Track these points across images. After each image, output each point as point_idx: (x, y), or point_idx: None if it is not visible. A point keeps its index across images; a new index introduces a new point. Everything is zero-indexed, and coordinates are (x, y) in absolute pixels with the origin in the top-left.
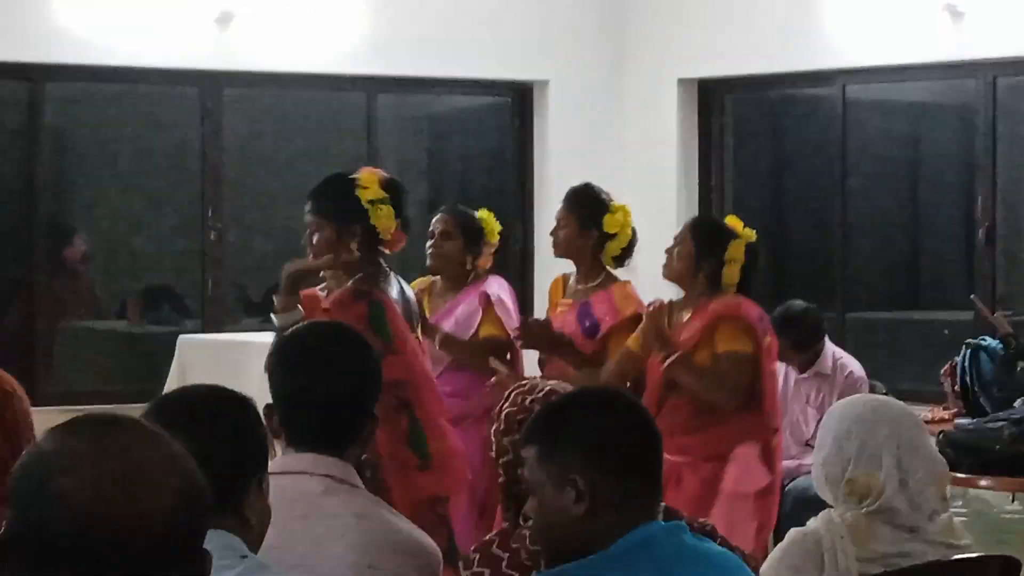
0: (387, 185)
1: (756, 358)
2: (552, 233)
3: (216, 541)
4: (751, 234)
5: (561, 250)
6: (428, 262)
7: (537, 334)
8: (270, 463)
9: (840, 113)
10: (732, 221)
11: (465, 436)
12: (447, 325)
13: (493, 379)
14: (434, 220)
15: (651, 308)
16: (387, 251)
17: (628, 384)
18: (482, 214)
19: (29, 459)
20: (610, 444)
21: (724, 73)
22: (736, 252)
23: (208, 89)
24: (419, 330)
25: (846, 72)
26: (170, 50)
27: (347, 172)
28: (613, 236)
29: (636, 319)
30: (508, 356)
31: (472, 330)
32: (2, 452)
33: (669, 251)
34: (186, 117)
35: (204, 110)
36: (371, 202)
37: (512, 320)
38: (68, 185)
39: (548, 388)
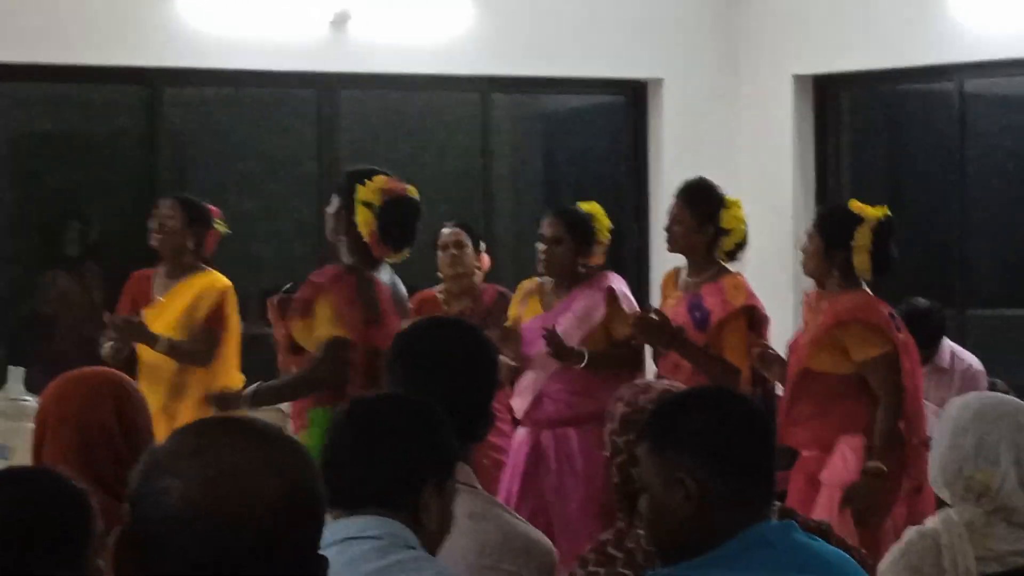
0: (391, 197)
1: (895, 356)
2: (667, 229)
3: (382, 527)
4: (878, 212)
5: (677, 246)
6: (539, 267)
7: (654, 329)
8: None
9: (958, 108)
10: (857, 206)
11: (589, 435)
12: (563, 321)
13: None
14: (543, 223)
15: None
16: (373, 254)
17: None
18: (592, 208)
19: (144, 459)
20: (721, 444)
21: (840, 68)
22: (862, 239)
23: (324, 91)
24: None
25: (964, 66)
26: (286, 53)
27: (371, 169)
28: (727, 232)
29: (747, 311)
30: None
31: (594, 325)
32: (122, 452)
33: (803, 249)
34: (303, 120)
35: (320, 112)
36: (362, 202)
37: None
38: (187, 189)
39: (663, 388)
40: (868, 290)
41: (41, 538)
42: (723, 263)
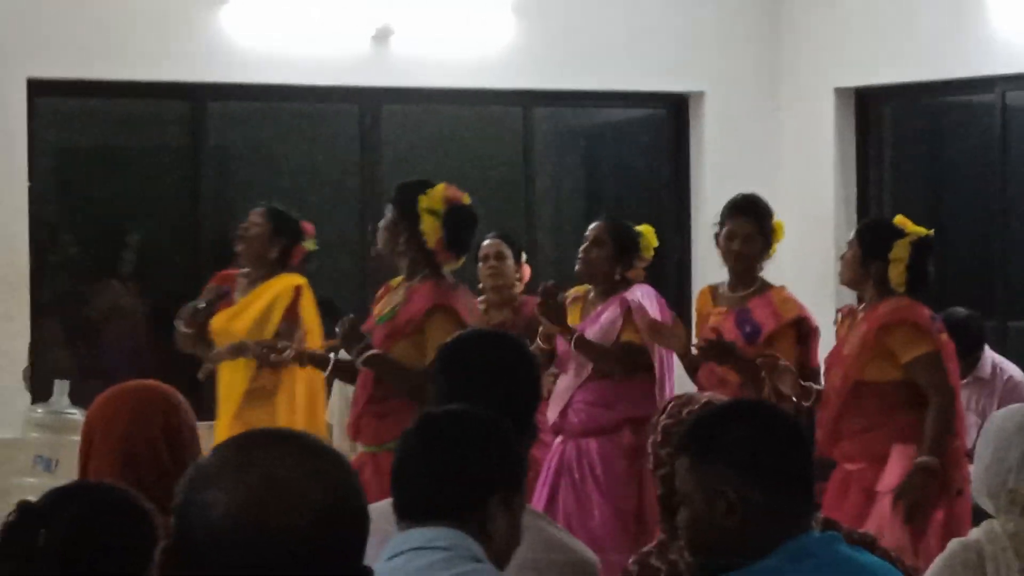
0: (453, 204)
1: (939, 355)
2: (740, 246)
3: (449, 538)
4: (920, 231)
5: (747, 264)
6: (576, 267)
7: (720, 349)
8: None
9: (1000, 120)
10: (901, 220)
11: (609, 445)
12: (591, 332)
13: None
14: (589, 228)
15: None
16: (437, 261)
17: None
18: (643, 228)
19: (189, 472)
20: (762, 457)
21: (881, 81)
22: (900, 252)
23: (367, 106)
24: None
25: (1005, 78)
26: (329, 68)
27: (424, 181)
28: (771, 244)
29: (797, 323)
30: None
31: (614, 337)
32: (167, 465)
33: (842, 257)
34: (345, 134)
35: (363, 127)
36: (427, 210)
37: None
38: (230, 203)
39: (705, 399)
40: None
41: (109, 554)
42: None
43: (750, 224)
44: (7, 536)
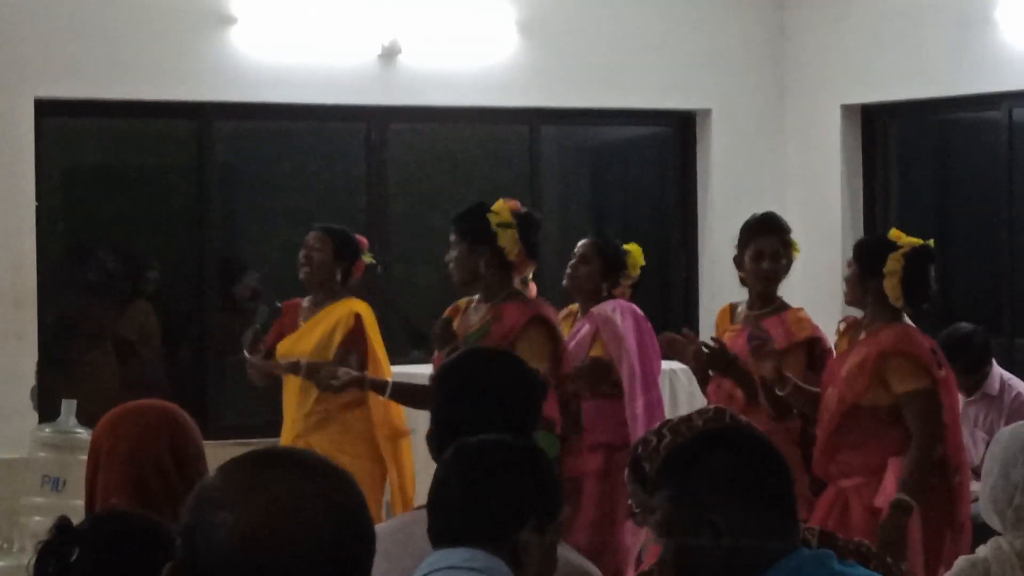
0: (520, 212)
1: (933, 392)
2: (770, 264)
3: (484, 561)
4: (915, 242)
5: (776, 282)
6: (564, 283)
7: (710, 355)
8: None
9: (1006, 136)
10: (895, 234)
11: (580, 465)
12: (570, 348)
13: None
14: (578, 245)
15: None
16: (516, 275)
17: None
18: (630, 247)
19: (195, 493)
20: (741, 478)
21: (887, 98)
22: (893, 265)
23: (374, 124)
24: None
25: (1012, 95)
26: (335, 87)
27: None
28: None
29: (809, 343)
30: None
31: (584, 352)
32: (175, 485)
33: (845, 278)
34: (351, 153)
35: (369, 145)
36: (501, 225)
37: (626, 342)
38: (237, 221)
39: (671, 426)
40: (910, 322)
41: None
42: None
43: (777, 241)
44: (44, 552)
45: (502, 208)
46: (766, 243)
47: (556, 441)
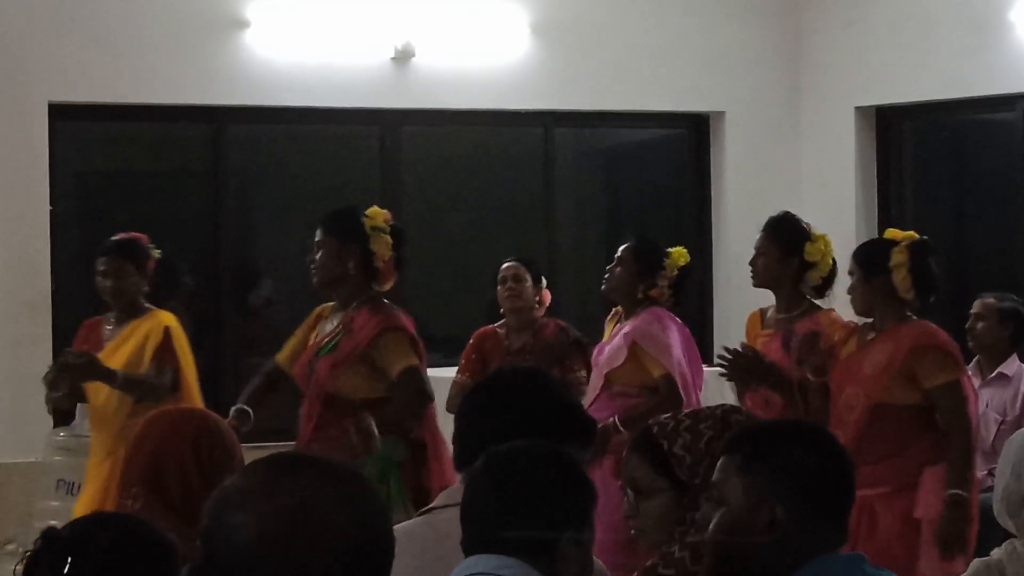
0: (392, 224)
1: (962, 384)
2: (751, 262)
3: (518, 569)
4: (910, 235)
5: (760, 279)
6: (602, 286)
7: (745, 365)
8: (442, 496)
9: (1021, 137)
10: (891, 233)
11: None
12: (607, 351)
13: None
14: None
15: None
16: (379, 284)
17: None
18: (674, 250)
19: (216, 495)
20: (816, 483)
21: (902, 100)
22: (899, 258)
23: (387, 127)
24: None
25: None
26: (349, 90)
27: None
28: (813, 265)
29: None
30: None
31: (617, 364)
32: (195, 484)
33: (849, 290)
34: (366, 156)
35: (383, 148)
36: (374, 228)
37: (670, 354)
38: (251, 224)
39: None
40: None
41: None
42: (813, 299)
43: (763, 239)
44: (34, 563)
45: (377, 213)
46: (757, 240)
47: (400, 446)
